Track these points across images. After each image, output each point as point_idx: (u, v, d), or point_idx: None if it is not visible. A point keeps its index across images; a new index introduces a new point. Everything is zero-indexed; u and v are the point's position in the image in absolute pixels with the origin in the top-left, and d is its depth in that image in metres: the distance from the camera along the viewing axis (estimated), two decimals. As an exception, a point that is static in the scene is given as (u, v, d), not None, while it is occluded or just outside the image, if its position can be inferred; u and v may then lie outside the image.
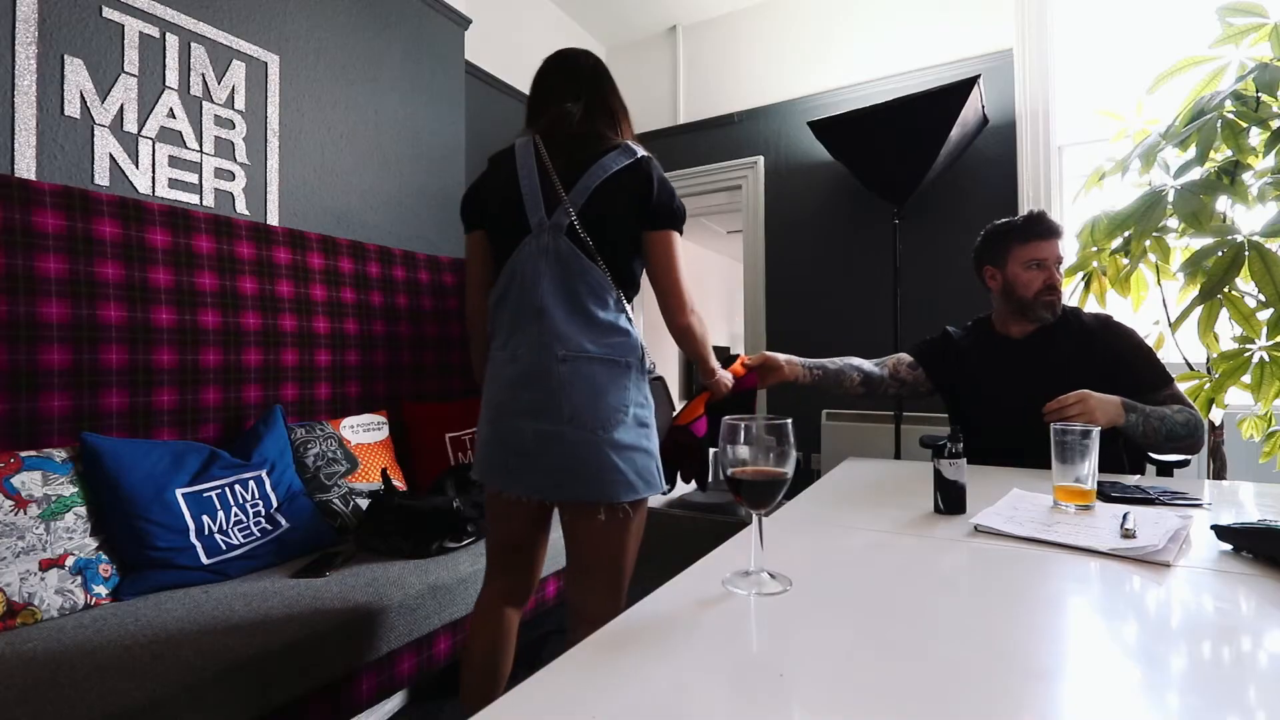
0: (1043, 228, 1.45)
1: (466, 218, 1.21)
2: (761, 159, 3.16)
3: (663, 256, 1.11)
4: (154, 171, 1.60)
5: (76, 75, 1.46)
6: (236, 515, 1.41)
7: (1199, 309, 1.68)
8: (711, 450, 1.39)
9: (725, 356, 5.69)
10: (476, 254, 1.20)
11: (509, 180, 1.13)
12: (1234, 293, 1.65)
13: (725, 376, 1.32)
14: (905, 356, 1.63)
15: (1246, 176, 1.70)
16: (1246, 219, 1.69)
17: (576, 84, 1.17)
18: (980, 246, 1.56)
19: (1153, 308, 1.99)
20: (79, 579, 1.16)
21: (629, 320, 1.12)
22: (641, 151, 1.13)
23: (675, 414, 1.32)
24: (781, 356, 1.49)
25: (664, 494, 1.42)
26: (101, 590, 1.19)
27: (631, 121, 1.25)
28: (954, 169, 2.67)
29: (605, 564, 1.12)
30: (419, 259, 2.19)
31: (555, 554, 1.78)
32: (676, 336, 1.18)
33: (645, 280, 1.19)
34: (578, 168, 1.10)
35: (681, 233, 1.14)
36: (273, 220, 1.85)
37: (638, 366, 1.12)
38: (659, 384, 1.25)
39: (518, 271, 1.10)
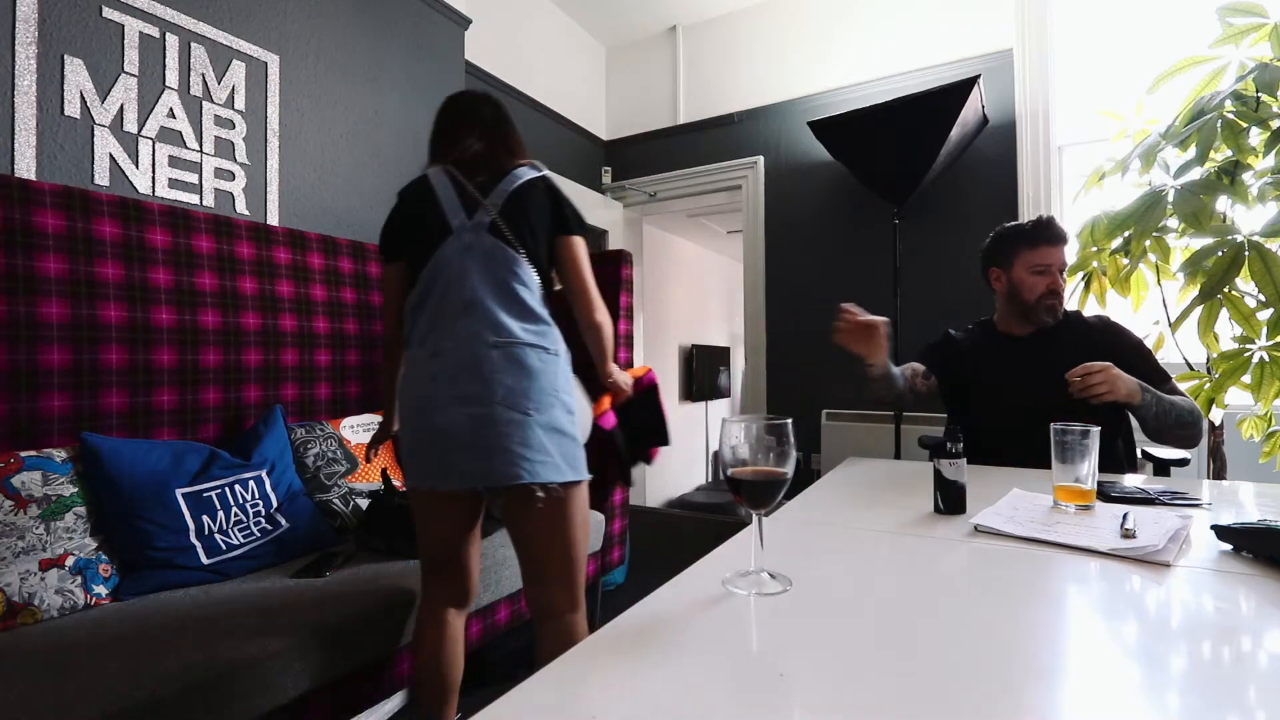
0: (1051, 234, 1.47)
1: (386, 249, 1.25)
2: (761, 159, 3.16)
3: (576, 260, 1.22)
4: (154, 171, 1.60)
5: (76, 75, 1.46)
6: (236, 515, 1.41)
7: (1199, 309, 1.68)
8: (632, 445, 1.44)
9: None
10: (396, 284, 1.24)
11: (426, 199, 1.19)
12: (1234, 293, 1.65)
13: (624, 377, 1.37)
14: (919, 366, 1.61)
15: (1246, 176, 1.70)
16: (1246, 219, 1.69)
17: (479, 125, 1.26)
18: (988, 248, 1.58)
19: (1153, 308, 1.99)
20: (79, 579, 1.16)
21: (549, 312, 1.19)
22: (544, 169, 1.24)
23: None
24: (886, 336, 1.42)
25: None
26: (101, 590, 1.19)
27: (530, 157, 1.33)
28: (954, 169, 2.67)
29: (555, 555, 1.14)
30: (419, 259, 2.19)
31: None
32: (587, 333, 1.25)
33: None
34: (492, 181, 1.19)
35: (586, 240, 1.25)
36: (273, 220, 1.85)
37: (565, 357, 1.18)
38: (576, 378, 1.29)
39: (442, 270, 1.14)
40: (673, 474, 4.94)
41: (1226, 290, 1.61)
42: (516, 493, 1.10)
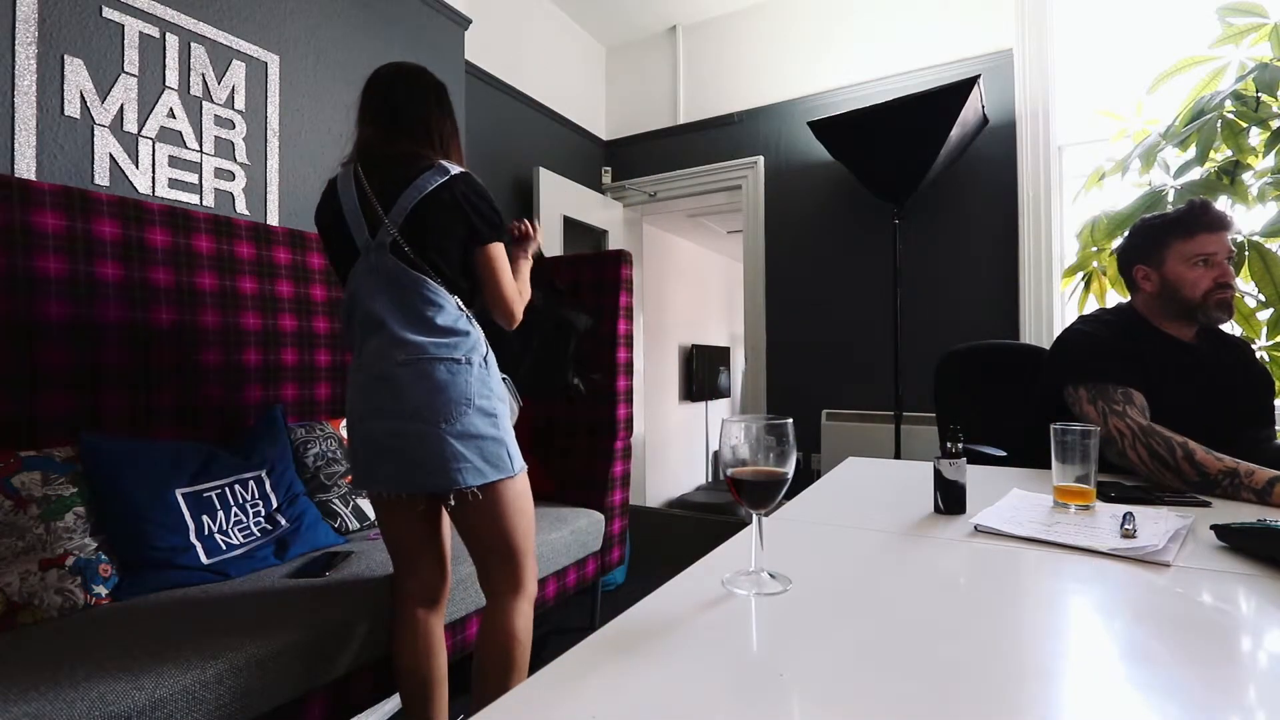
0: (1209, 219, 1.27)
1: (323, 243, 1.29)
2: (761, 159, 3.16)
3: (489, 273, 1.20)
4: (154, 171, 1.60)
5: (76, 75, 1.46)
6: (236, 515, 1.41)
7: (1199, 309, 1.68)
8: None
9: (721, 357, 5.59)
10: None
11: (334, 208, 1.20)
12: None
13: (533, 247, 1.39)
14: (1137, 397, 1.24)
15: (1246, 176, 1.70)
16: (1246, 219, 1.70)
17: (376, 101, 1.22)
18: (1129, 244, 1.39)
19: (1153, 308, 1.99)
20: (79, 579, 1.16)
21: (469, 321, 1.20)
22: (455, 169, 1.17)
23: None
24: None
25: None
26: (101, 590, 1.19)
27: (454, 117, 1.27)
28: (954, 169, 2.67)
29: (490, 545, 1.20)
30: (419, 259, 2.19)
31: (543, 555, 1.78)
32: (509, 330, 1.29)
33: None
34: (394, 188, 1.15)
35: (504, 241, 1.23)
36: (273, 220, 1.85)
37: (480, 363, 1.19)
38: (506, 382, 1.30)
39: (356, 290, 1.19)
40: (673, 474, 4.94)
41: (1226, 290, 1.60)
42: (439, 498, 1.16)
